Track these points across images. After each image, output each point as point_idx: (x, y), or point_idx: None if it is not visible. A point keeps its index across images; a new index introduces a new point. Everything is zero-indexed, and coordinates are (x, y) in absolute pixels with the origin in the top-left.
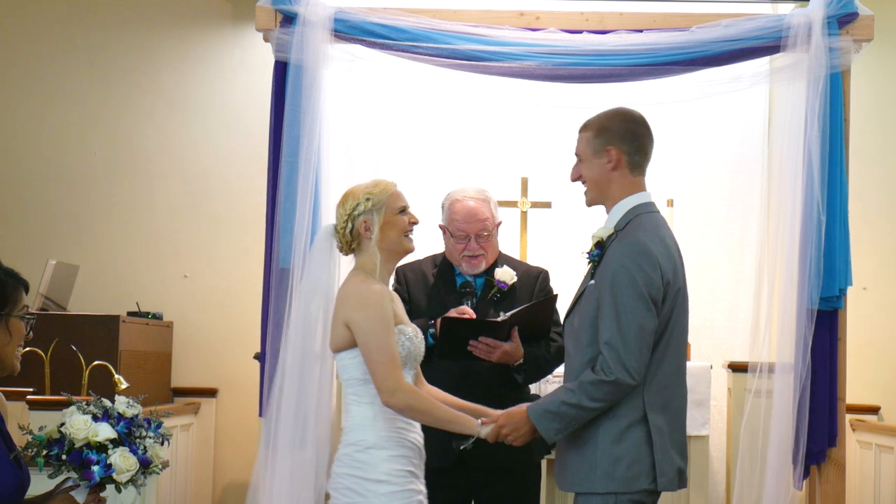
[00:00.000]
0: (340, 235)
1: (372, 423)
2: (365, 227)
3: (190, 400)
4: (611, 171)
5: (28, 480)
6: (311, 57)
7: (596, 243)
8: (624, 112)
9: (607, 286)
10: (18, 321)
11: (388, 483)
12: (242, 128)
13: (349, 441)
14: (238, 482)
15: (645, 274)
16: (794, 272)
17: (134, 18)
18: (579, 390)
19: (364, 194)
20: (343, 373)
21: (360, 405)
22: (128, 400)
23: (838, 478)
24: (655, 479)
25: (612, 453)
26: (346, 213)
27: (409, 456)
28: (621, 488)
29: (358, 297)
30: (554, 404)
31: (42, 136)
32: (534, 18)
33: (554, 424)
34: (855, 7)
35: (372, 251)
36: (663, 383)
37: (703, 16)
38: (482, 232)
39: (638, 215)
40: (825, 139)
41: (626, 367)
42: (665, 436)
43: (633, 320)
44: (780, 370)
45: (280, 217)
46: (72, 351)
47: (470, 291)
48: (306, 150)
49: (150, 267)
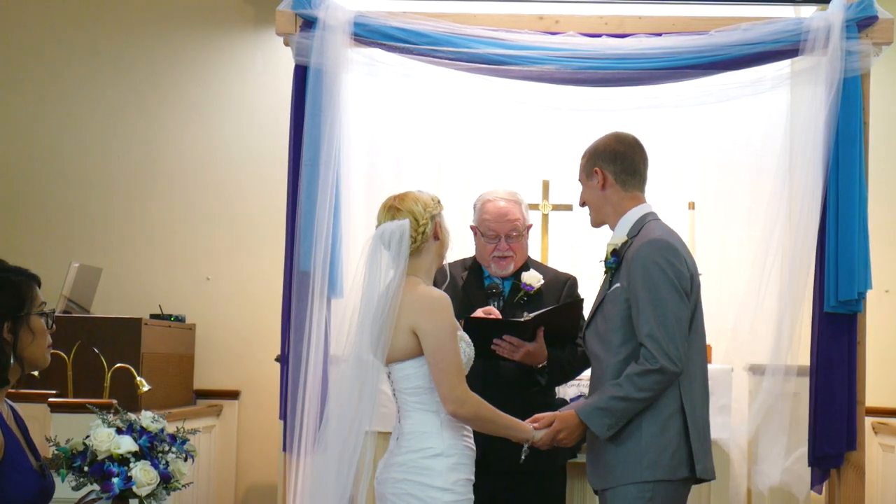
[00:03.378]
0: (420, 234)
1: (438, 432)
2: (438, 229)
3: (212, 402)
4: (601, 190)
5: (52, 488)
6: (331, 61)
7: (612, 251)
8: (613, 135)
9: (639, 283)
10: (38, 318)
11: (452, 492)
12: (265, 131)
13: (412, 448)
14: (260, 484)
15: (674, 267)
16: (813, 275)
17: (156, 22)
18: (626, 383)
19: (432, 199)
20: (405, 382)
21: (425, 413)
22: (153, 415)
23: (857, 481)
24: (693, 467)
25: (657, 444)
26: (427, 211)
27: (468, 464)
28: (666, 476)
29: (426, 305)
30: (603, 400)
31: (65, 139)
32: (553, 22)
33: (606, 420)
34: (874, 10)
35: (430, 254)
36: (693, 373)
37: (722, 19)
38: (512, 232)
39: (647, 222)
40: (844, 142)
41: (668, 356)
42: (699, 425)
43: (671, 311)
44: (799, 373)
45: (301, 220)
46: (94, 353)
47: (497, 292)
48: (326, 153)
49: (172, 270)
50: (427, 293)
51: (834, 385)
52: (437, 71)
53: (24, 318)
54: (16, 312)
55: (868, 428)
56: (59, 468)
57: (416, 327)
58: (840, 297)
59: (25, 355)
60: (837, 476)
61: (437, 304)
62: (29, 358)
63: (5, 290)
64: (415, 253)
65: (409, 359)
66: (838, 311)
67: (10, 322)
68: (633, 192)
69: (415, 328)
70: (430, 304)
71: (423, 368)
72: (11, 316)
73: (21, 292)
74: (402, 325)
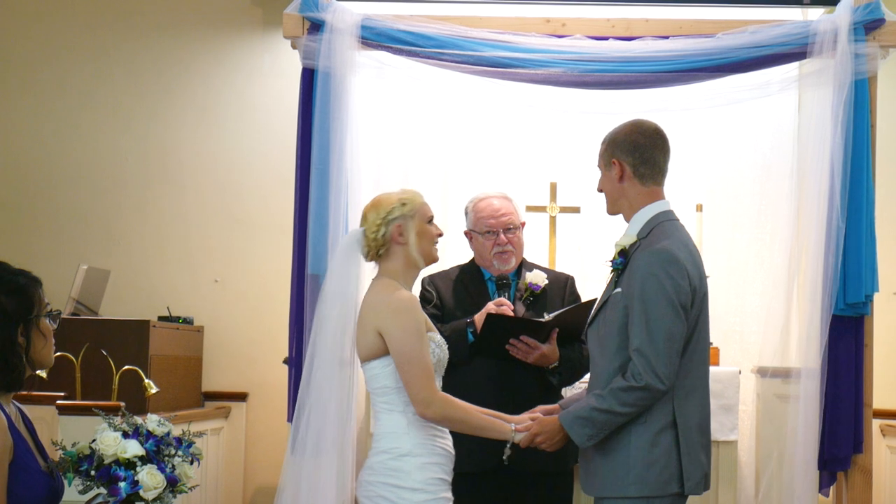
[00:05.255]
0: (371, 240)
1: (406, 431)
2: (398, 233)
3: (220, 404)
4: (618, 182)
5: (62, 489)
6: (338, 64)
7: (619, 252)
8: (634, 124)
9: (636, 294)
10: (44, 320)
11: (423, 491)
12: (273, 133)
13: (381, 449)
14: (268, 486)
15: (674, 281)
16: (820, 278)
17: (165, 25)
18: (610, 396)
19: (399, 200)
20: (373, 382)
21: (391, 413)
22: (159, 418)
23: (865, 484)
24: (683, 484)
25: (646, 458)
26: (380, 216)
27: (441, 463)
28: (654, 492)
29: (390, 306)
30: (585, 410)
31: (74, 141)
32: (560, 25)
33: (586, 430)
34: (882, 13)
35: (399, 258)
36: (691, 387)
37: (729, 22)
38: (509, 226)
39: (660, 223)
40: (851, 145)
41: (656, 373)
42: (693, 440)
43: (663, 327)
44: (806, 375)
45: (311, 223)
46: (102, 356)
47: (506, 284)
48: (336, 156)
49: (180, 272)
50: (392, 295)
51: (841, 388)
52: (444, 74)
53: (34, 321)
54: (26, 315)
55: (875, 430)
56: (65, 472)
57: (381, 328)
58: (847, 300)
59: (36, 357)
60: (845, 479)
61: (402, 305)
62: (38, 360)
63: (15, 294)
64: (384, 256)
65: (376, 358)
66: (846, 314)
67: (23, 325)
68: (651, 187)
69: (379, 329)
70: (395, 306)
71: (389, 368)
72: (23, 319)
73: (28, 294)
74: (368, 326)
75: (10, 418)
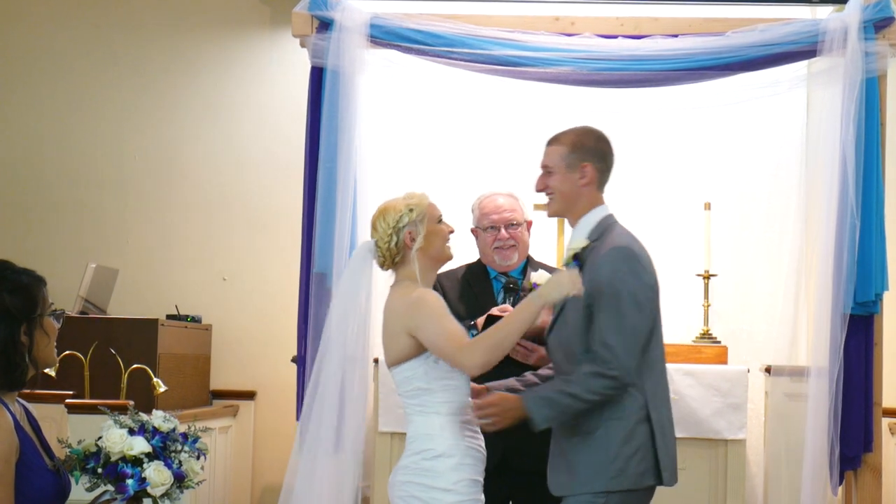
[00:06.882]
0: (384, 249)
1: (440, 432)
2: (410, 238)
3: (228, 402)
4: (582, 186)
5: (69, 487)
6: (347, 62)
7: (573, 255)
8: (594, 130)
9: (604, 291)
10: (49, 319)
11: (456, 492)
12: (281, 132)
13: (414, 450)
14: (276, 484)
15: (638, 277)
16: (829, 277)
17: (172, 23)
18: (578, 381)
19: (405, 206)
20: (405, 385)
21: (426, 415)
22: (164, 414)
23: (874, 484)
24: (660, 475)
25: (624, 452)
26: (390, 226)
27: (473, 465)
28: (631, 485)
29: (412, 303)
30: (551, 392)
31: (81, 140)
32: (569, 24)
33: (546, 411)
34: (891, 11)
35: (414, 262)
36: (657, 380)
37: (738, 20)
38: (511, 221)
39: (609, 225)
40: (861, 143)
41: (624, 366)
42: (666, 432)
43: (630, 322)
44: (816, 374)
45: (318, 221)
46: (111, 354)
47: (514, 287)
48: (344, 155)
49: (188, 270)
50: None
51: (851, 387)
52: (453, 72)
53: (37, 320)
54: (30, 314)
55: (885, 429)
56: (72, 470)
57: (410, 328)
58: (857, 299)
59: (40, 356)
60: (854, 478)
61: (419, 299)
62: (41, 359)
63: (18, 293)
64: (400, 263)
65: (407, 360)
66: (855, 313)
67: (26, 324)
68: (601, 193)
69: (409, 330)
70: (415, 302)
71: (421, 369)
72: (26, 318)
73: (33, 293)
74: (396, 329)
75: (15, 417)
